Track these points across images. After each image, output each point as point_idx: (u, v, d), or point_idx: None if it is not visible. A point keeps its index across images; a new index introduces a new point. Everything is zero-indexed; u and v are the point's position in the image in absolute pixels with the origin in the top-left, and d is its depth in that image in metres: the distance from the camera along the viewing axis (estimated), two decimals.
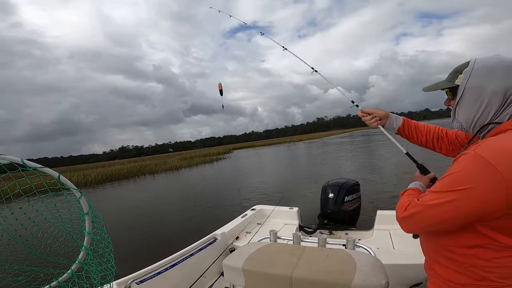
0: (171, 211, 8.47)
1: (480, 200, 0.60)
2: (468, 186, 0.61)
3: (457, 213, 0.65)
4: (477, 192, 0.60)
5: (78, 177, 21.90)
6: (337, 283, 1.12)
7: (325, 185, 2.99)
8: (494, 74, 0.72)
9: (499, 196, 0.58)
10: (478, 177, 0.60)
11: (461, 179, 0.63)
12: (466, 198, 0.62)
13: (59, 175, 0.98)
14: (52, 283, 1.22)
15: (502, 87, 0.70)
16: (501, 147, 0.62)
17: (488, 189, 0.59)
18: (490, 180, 0.59)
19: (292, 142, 62.08)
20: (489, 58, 0.74)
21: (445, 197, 0.65)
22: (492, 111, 0.73)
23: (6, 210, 1.11)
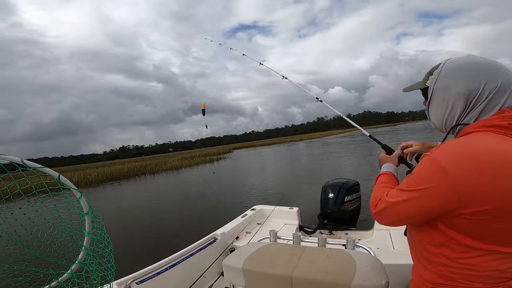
0: (171, 211, 8.48)
1: (436, 199, 0.63)
2: (425, 187, 0.64)
3: (417, 210, 0.68)
4: (432, 192, 0.63)
5: (79, 176, 21.93)
6: (337, 283, 1.12)
7: (325, 185, 2.98)
8: (458, 76, 0.71)
9: (451, 197, 0.60)
10: (432, 179, 0.63)
11: (420, 180, 0.66)
12: (424, 198, 0.65)
13: (59, 175, 0.98)
14: (52, 283, 1.22)
15: (465, 89, 0.70)
16: (454, 151, 0.62)
17: (441, 190, 0.61)
18: (442, 182, 0.61)
19: (292, 141, 62.06)
20: (458, 59, 0.74)
21: (407, 195, 0.69)
22: (457, 114, 0.73)
23: (6, 210, 1.11)
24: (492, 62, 0.69)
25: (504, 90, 0.67)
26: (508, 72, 0.68)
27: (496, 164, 0.58)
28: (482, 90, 0.68)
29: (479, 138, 0.64)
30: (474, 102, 0.69)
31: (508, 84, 0.67)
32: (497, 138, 0.63)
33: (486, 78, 0.67)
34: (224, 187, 11.40)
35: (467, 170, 0.59)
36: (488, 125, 0.66)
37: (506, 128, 0.64)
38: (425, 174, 0.65)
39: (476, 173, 0.58)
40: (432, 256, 0.71)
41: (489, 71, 0.68)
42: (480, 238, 0.62)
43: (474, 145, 0.62)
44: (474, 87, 0.68)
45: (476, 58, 0.71)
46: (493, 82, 0.67)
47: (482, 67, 0.69)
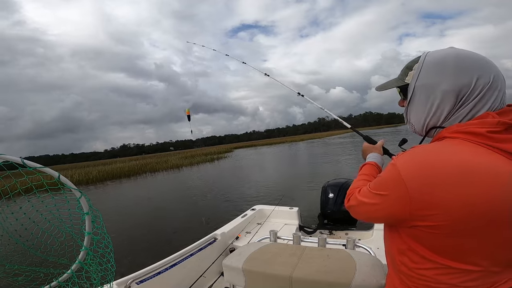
0: (172, 210, 8.49)
1: (393, 208, 0.61)
2: (385, 193, 0.63)
3: (379, 214, 0.68)
4: (390, 200, 0.61)
5: (80, 175, 22.00)
6: (337, 283, 1.13)
7: (325, 185, 2.98)
8: (445, 71, 0.63)
9: (405, 209, 0.58)
10: (391, 187, 0.61)
11: (381, 185, 0.65)
12: (383, 203, 0.64)
13: (59, 175, 0.98)
14: (52, 283, 1.22)
15: (454, 85, 0.62)
16: (415, 161, 0.58)
17: (397, 200, 0.59)
18: (398, 191, 0.58)
19: (294, 141, 62.05)
20: (441, 52, 0.66)
21: (371, 198, 0.68)
22: (444, 113, 0.65)
23: (7, 210, 1.11)
24: (480, 55, 0.62)
25: (495, 86, 0.60)
26: (495, 66, 0.61)
27: (455, 180, 0.53)
28: (474, 86, 0.60)
29: (448, 149, 0.58)
30: (465, 99, 0.61)
31: (498, 81, 0.60)
32: (470, 147, 0.56)
33: (478, 72, 0.60)
34: (224, 187, 11.41)
35: (424, 184, 0.55)
36: (464, 131, 0.59)
37: (483, 136, 0.56)
38: (386, 180, 0.63)
39: (432, 188, 0.54)
40: (396, 262, 0.70)
41: (480, 65, 0.60)
42: (435, 251, 0.59)
43: (439, 156, 0.56)
44: (465, 82, 0.60)
45: (461, 51, 0.64)
46: (485, 77, 0.59)
47: (471, 60, 0.61)
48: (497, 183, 0.51)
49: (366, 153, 1.07)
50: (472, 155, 0.55)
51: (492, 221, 0.52)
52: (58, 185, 0.99)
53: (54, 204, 1.10)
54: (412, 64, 0.70)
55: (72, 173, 23.33)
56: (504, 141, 0.55)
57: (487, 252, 0.55)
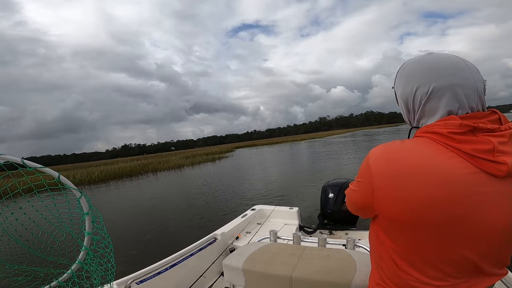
0: (172, 210, 8.50)
1: (363, 194, 0.65)
2: (360, 180, 0.67)
3: (357, 200, 0.70)
4: (362, 186, 0.65)
5: (82, 174, 22.08)
6: (337, 283, 1.12)
7: (325, 185, 2.98)
8: (399, 79, 0.70)
9: (370, 196, 0.62)
10: (363, 174, 0.65)
11: (359, 172, 0.68)
12: (359, 190, 0.67)
13: (59, 175, 0.98)
14: (52, 283, 1.22)
15: (402, 94, 0.69)
16: (382, 152, 0.62)
17: (366, 186, 0.63)
18: (367, 179, 0.63)
19: (295, 141, 62.04)
20: (409, 60, 0.70)
21: (354, 185, 0.72)
22: (406, 119, 0.73)
23: (7, 210, 1.11)
24: (436, 63, 0.63)
25: (439, 95, 0.61)
26: (447, 74, 0.61)
27: (408, 176, 0.55)
28: (414, 96, 0.65)
29: (413, 143, 0.61)
30: (412, 107, 0.67)
31: (443, 89, 0.61)
32: (431, 145, 0.58)
33: (418, 82, 0.64)
34: (224, 187, 11.41)
35: (384, 175, 0.59)
36: (430, 131, 0.61)
37: (445, 136, 0.57)
38: (361, 168, 0.67)
39: (390, 180, 0.58)
40: (375, 256, 0.73)
41: (421, 75, 0.63)
42: (398, 245, 0.62)
43: (400, 152, 0.59)
44: (407, 92, 0.67)
45: (425, 58, 0.65)
46: (424, 87, 0.62)
47: (418, 70, 0.64)
48: (446, 182, 0.53)
49: None
50: (434, 152, 0.57)
51: (440, 220, 0.54)
52: (58, 185, 0.99)
53: (54, 204, 1.10)
54: None
55: (74, 173, 23.42)
56: (464, 142, 0.55)
57: (451, 250, 0.57)
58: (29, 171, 0.94)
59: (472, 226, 0.54)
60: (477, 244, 0.56)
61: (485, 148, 0.54)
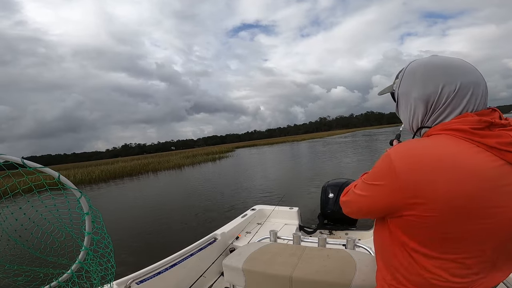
0: (172, 210, 8.50)
1: (386, 197, 0.63)
2: (378, 183, 0.64)
3: (372, 206, 0.68)
4: (384, 189, 0.63)
5: (82, 174, 22.09)
6: (337, 283, 1.12)
7: (325, 185, 2.98)
8: (415, 80, 0.69)
9: (396, 197, 0.60)
10: (384, 176, 0.62)
11: (374, 175, 0.66)
12: (377, 194, 0.65)
13: (59, 175, 0.98)
14: (52, 283, 1.22)
15: (423, 94, 0.68)
16: (406, 149, 0.61)
17: (389, 188, 0.61)
18: (390, 180, 0.60)
19: (295, 141, 62.04)
20: (419, 61, 0.71)
21: (366, 190, 0.69)
22: (419, 118, 0.72)
23: (6, 210, 1.11)
24: (452, 62, 0.65)
25: (464, 93, 0.63)
26: (468, 73, 0.64)
27: (443, 168, 0.55)
28: (440, 94, 0.65)
29: (435, 140, 0.62)
30: (434, 106, 0.67)
31: (468, 87, 0.63)
32: (455, 141, 0.59)
33: (444, 81, 0.64)
34: (224, 187, 11.42)
35: (412, 173, 0.57)
36: (448, 129, 0.62)
37: (467, 132, 0.59)
38: (380, 170, 0.64)
39: (419, 176, 0.57)
40: (386, 256, 0.72)
41: (446, 73, 0.64)
42: (422, 241, 0.61)
43: (427, 146, 0.60)
44: (431, 91, 0.66)
45: (434, 59, 0.68)
46: (451, 85, 0.63)
47: (438, 69, 0.65)
48: (475, 176, 0.54)
49: None
50: (460, 146, 0.58)
51: (472, 213, 0.55)
52: (58, 185, 0.99)
53: (54, 204, 1.10)
54: (399, 73, 0.77)
55: (75, 172, 23.43)
56: (487, 136, 0.58)
57: (474, 244, 0.58)
58: (29, 171, 0.94)
59: (497, 218, 0.55)
60: (498, 238, 0.57)
61: (508, 141, 0.56)
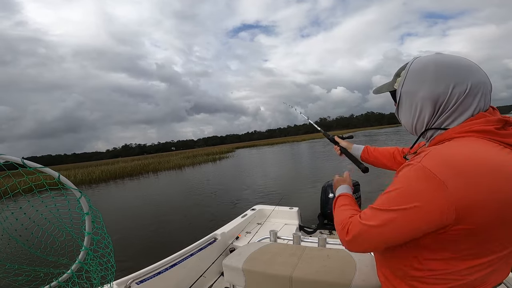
0: (172, 210, 8.50)
1: (426, 218, 0.55)
2: (414, 204, 0.55)
3: (402, 232, 0.59)
4: (423, 210, 0.54)
5: (83, 174, 22.10)
6: (337, 283, 1.12)
7: (325, 185, 2.98)
8: (424, 79, 0.64)
9: (447, 213, 0.53)
10: (422, 194, 0.54)
11: (407, 196, 0.56)
12: (411, 217, 0.56)
13: (59, 175, 0.98)
14: (52, 283, 1.22)
15: (432, 93, 0.63)
16: (448, 157, 0.54)
17: (435, 206, 0.53)
18: (436, 195, 0.52)
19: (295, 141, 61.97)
20: (424, 59, 0.67)
21: (390, 215, 0.58)
22: (426, 119, 0.67)
23: (6, 210, 1.11)
24: (460, 62, 0.62)
25: (474, 93, 0.60)
26: (477, 72, 0.61)
27: (493, 176, 0.51)
28: (451, 95, 0.61)
29: (468, 144, 0.57)
30: (443, 107, 0.63)
31: (479, 86, 0.60)
32: (484, 143, 0.56)
33: (454, 80, 0.61)
34: (225, 187, 11.41)
35: (467, 183, 0.51)
36: (472, 130, 0.59)
37: (492, 133, 0.57)
38: (414, 186, 0.55)
39: (475, 187, 0.51)
40: (401, 267, 0.67)
41: (457, 73, 0.61)
42: (457, 251, 0.58)
43: (466, 152, 0.55)
44: (441, 91, 0.62)
45: (443, 57, 0.64)
46: (462, 85, 0.60)
47: (449, 68, 0.62)
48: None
49: (336, 186, 1.02)
50: (496, 150, 0.55)
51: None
52: (58, 185, 0.99)
53: (54, 204, 1.10)
54: (400, 71, 0.73)
55: (75, 173, 23.45)
56: (507, 136, 0.57)
57: (500, 246, 0.57)
58: (29, 171, 0.94)
59: None
60: None
61: None
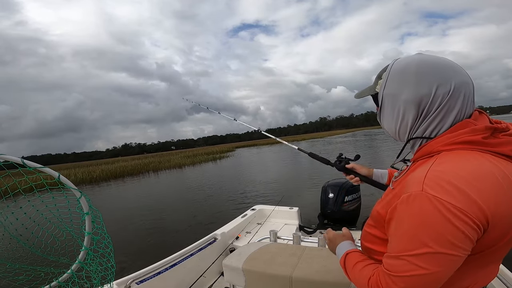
0: (173, 210, 8.50)
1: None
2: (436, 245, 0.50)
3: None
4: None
5: (83, 174, 22.08)
6: (337, 283, 1.13)
7: (325, 185, 2.98)
8: (405, 80, 0.61)
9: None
10: (436, 226, 0.49)
11: (424, 234, 0.50)
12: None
13: (59, 175, 0.98)
14: (52, 283, 1.22)
15: (414, 95, 0.59)
16: (451, 179, 0.49)
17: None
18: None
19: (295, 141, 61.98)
20: (405, 59, 0.63)
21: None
22: (409, 123, 0.63)
23: (7, 209, 1.11)
24: (442, 61, 0.59)
25: (457, 94, 0.57)
26: (460, 72, 0.58)
27: (504, 190, 0.49)
28: (434, 96, 0.58)
29: (467, 162, 0.52)
30: (427, 109, 0.59)
31: (462, 87, 0.57)
32: (478, 156, 0.53)
33: (438, 81, 0.57)
34: (225, 186, 11.41)
35: (480, 203, 0.48)
36: (459, 142, 0.55)
37: (480, 143, 0.54)
38: (429, 221, 0.50)
39: (493, 199, 0.48)
40: None
41: (439, 73, 0.58)
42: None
43: (465, 169, 0.51)
44: (424, 92, 0.58)
45: (424, 58, 0.61)
46: (446, 86, 0.57)
47: (431, 68, 0.59)
48: None
49: (335, 243, 0.90)
50: (494, 163, 0.52)
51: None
52: (58, 185, 0.99)
53: (54, 204, 1.11)
54: (382, 73, 0.69)
55: (76, 172, 23.42)
56: (498, 145, 0.54)
57: (503, 252, 0.57)
58: (29, 170, 0.95)
59: None
60: None
61: None
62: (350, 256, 0.78)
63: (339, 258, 0.82)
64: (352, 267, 0.74)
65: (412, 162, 0.67)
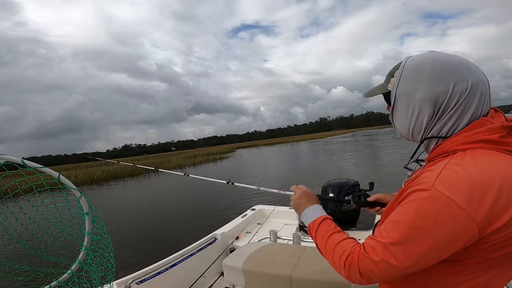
0: (173, 210, 8.52)
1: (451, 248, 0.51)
2: (436, 236, 0.51)
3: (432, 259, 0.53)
4: (447, 241, 0.51)
5: (84, 174, 22.08)
6: (337, 283, 1.12)
7: (325, 185, 2.97)
8: (420, 77, 0.60)
9: (471, 237, 0.49)
10: (445, 223, 0.49)
11: (425, 228, 0.51)
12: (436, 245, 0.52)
13: (59, 175, 0.98)
14: (52, 283, 1.22)
15: (431, 93, 0.58)
16: (464, 179, 0.49)
17: (458, 234, 0.49)
18: (458, 222, 0.48)
19: (295, 142, 62.01)
20: (420, 57, 0.62)
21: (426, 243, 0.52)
22: (424, 122, 0.62)
23: (7, 210, 1.11)
24: (458, 59, 0.59)
25: (474, 92, 0.56)
26: (476, 70, 0.57)
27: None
28: (452, 94, 0.56)
29: (484, 161, 0.51)
30: (444, 107, 0.58)
31: (479, 85, 0.56)
32: (494, 156, 0.52)
33: (455, 79, 0.56)
34: (225, 186, 11.41)
35: (491, 207, 0.47)
36: (475, 141, 0.54)
37: (497, 142, 0.53)
38: (436, 217, 0.50)
39: (500, 210, 0.48)
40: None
41: (457, 71, 0.57)
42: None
43: (486, 171, 0.50)
44: (441, 90, 0.57)
45: (439, 55, 0.60)
46: (463, 84, 0.56)
47: (448, 65, 0.58)
48: None
49: (302, 207, 0.85)
50: (503, 164, 0.51)
51: None
52: (58, 185, 1.00)
53: (54, 204, 1.10)
54: (394, 70, 0.68)
55: (76, 173, 23.43)
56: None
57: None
58: (29, 171, 0.95)
59: None
60: None
61: None
62: (326, 222, 0.76)
63: (308, 219, 0.80)
64: (328, 236, 0.71)
65: (426, 162, 0.66)
